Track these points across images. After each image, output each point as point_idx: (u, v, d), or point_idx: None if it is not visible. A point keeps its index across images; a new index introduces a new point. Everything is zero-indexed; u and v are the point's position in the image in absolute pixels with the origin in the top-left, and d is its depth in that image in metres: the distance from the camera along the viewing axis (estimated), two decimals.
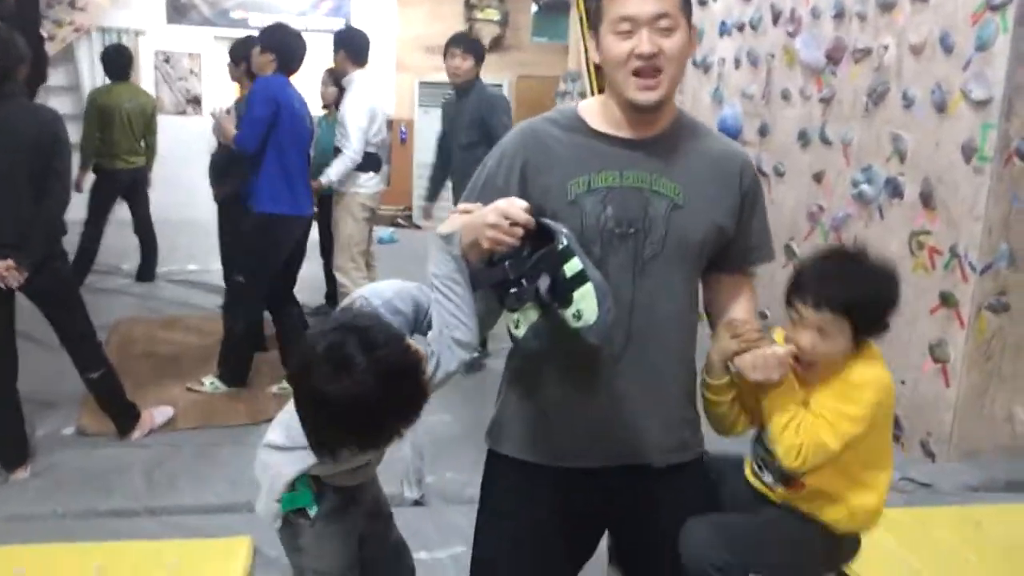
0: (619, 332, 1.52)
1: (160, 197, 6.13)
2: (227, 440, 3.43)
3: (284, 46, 3.79)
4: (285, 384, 3.72)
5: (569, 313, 1.41)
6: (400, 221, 8.66)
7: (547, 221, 1.46)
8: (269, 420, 1.78)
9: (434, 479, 3.08)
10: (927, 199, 3.33)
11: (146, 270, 6.05)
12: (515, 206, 1.41)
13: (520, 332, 1.48)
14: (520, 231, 1.41)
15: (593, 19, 1.55)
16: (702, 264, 1.61)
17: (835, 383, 1.58)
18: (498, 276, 1.46)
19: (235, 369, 3.94)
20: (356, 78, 4.53)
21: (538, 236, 1.44)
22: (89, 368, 3.24)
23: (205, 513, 2.87)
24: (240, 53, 4.41)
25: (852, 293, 1.55)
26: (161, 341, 4.69)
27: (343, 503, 1.71)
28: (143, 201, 5.90)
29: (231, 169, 4.17)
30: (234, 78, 4.59)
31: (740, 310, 1.66)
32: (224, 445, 3.37)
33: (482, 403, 3.68)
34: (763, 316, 3.71)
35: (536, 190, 1.53)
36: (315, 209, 4.25)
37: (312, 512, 1.68)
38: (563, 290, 1.41)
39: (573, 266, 1.41)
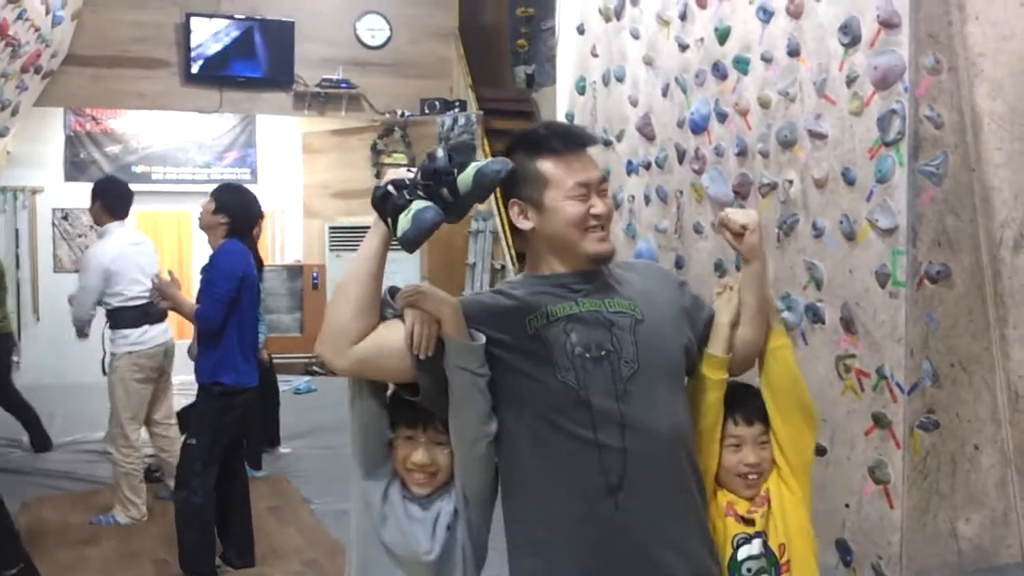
0: (616, 460, 1.51)
1: (57, 360, 5.87)
2: None
3: (239, 208, 3.74)
4: None
5: (467, 171, 1.47)
6: (316, 368, 8.49)
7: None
8: None
9: None
10: (848, 324, 3.45)
11: (39, 440, 5.70)
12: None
13: (408, 217, 1.46)
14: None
15: (527, 191, 1.63)
16: (679, 378, 1.65)
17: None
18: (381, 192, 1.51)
19: (204, 560, 3.61)
20: (110, 230, 4.45)
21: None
22: (5, 565, 2.98)
23: None
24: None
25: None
26: (74, 526, 4.39)
27: None
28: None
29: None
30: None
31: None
32: None
33: None
34: None
35: (499, 334, 1.56)
36: None
37: None
38: (456, 165, 1.49)
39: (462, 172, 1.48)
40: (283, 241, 9.14)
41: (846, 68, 3.43)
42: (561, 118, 5.49)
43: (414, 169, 1.54)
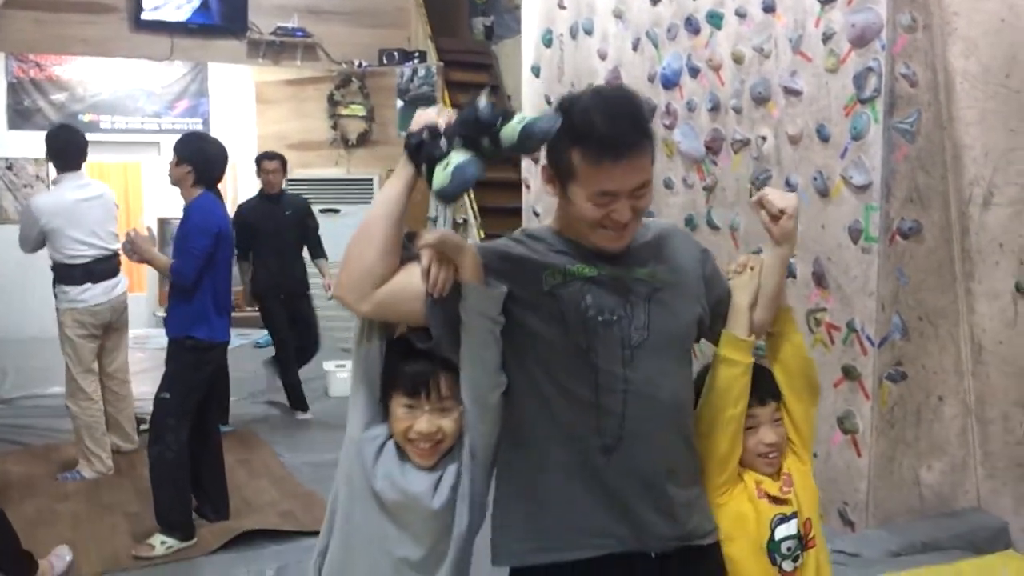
0: (613, 423, 1.53)
1: (6, 314, 5.71)
2: None
3: (198, 156, 3.63)
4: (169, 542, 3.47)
5: (512, 124, 1.42)
6: None
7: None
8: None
9: None
10: (820, 279, 3.53)
11: None
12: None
13: (447, 171, 1.42)
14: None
15: (555, 165, 1.56)
16: (687, 348, 1.66)
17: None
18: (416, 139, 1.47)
19: (180, 514, 3.56)
20: (62, 180, 4.37)
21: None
22: None
23: None
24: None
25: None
26: (40, 481, 4.32)
27: None
28: None
29: None
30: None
31: None
32: None
33: None
34: None
35: (511, 285, 1.54)
36: None
37: None
38: (499, 115, 1.43)
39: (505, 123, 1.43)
40: (237, 193, 8.96)
41: (823, 25, 3.46)
42: (526, 72, 5.45)
43: (448, 111, 1.49)
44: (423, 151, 1.47)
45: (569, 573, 1.56)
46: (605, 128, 1.47)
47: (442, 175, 1.43)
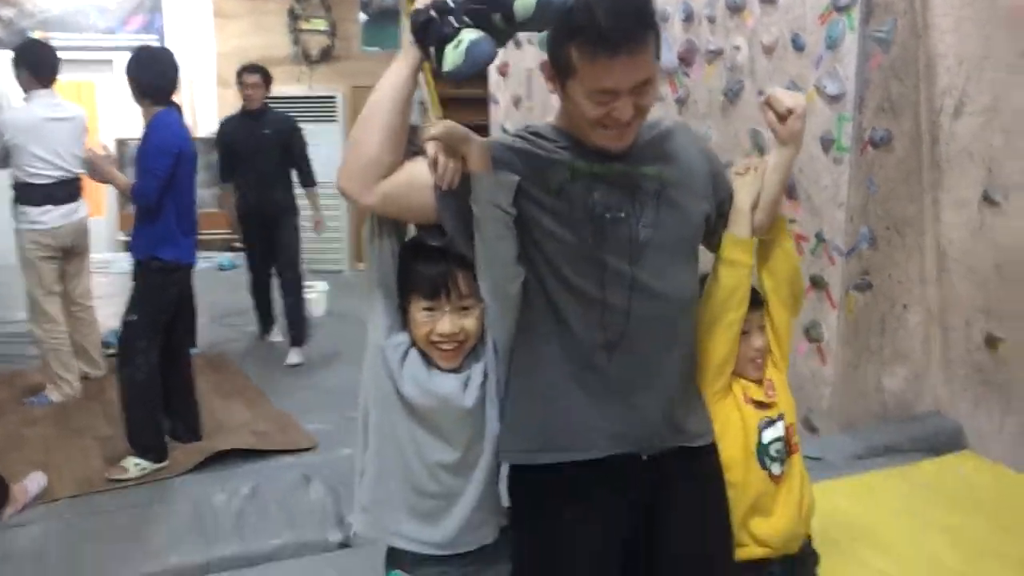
0: (618, 319, 1.53)
1: None
2: (119, 504, 3.17)
3: (144, 72, 3.50)
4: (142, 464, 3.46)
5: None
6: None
7: None
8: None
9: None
10: (790, 190, 3.53)
11: None
12: None
13: (461, 50, 1.37)
14: None
15: (555, 60, 1.51)
16: (695, 246, 1.66)
17: None
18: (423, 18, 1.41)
19: (152, 436, 3.55)
20: (32, 97, 4.24)
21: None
22: None
23: None
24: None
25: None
26: (7, 406, 4.28)
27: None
28: None
29: None
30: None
31: None
32: (118, 511, 3.11)
33: None
34: None
35: (525, 177, 1.51)
36: None
37: None
38: None
39: None
40: (195, 112, 8.73)
41: None
42: None
43: None
44: (431, 30, 1.39)
45: (568, 472, 1.57)
46: (604, 21, 1.39)
47: (454, 54, 1.35)
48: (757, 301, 1.79)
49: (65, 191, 4.23)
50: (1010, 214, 3.15)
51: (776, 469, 1.78)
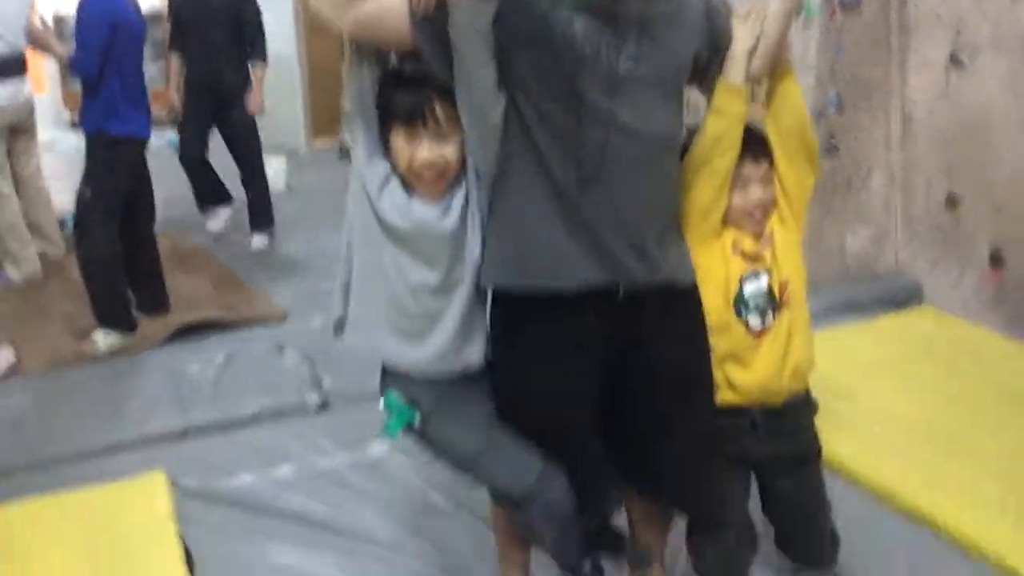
0: (593, 155, 1.53)
1: None
2: (93, 377, 3.18)
3: None
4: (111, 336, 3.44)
5: None
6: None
7: None
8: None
9: (331, 380, 3.01)
10: None
11: None
12: None
13: None
14: None
15: None
16: (679, 83, 1.62)
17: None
18: None
19: (118, 308, 3.51)
20: None
21: None
22: None
23: (97, 457, 2.65)
24: None
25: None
26: None
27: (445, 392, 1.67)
28: None
29: None
30: None
31: None
32: (92, 383, 3.12)
33: None
34: None
35: (505, 5, 1.50)
36: None
37: (418, 422, 1.66)
38: None
39: None
40: None
41: None
42: None
43: None
44: None
45: (545, 303, 1.60)
46: None
47: None
48: (765, 154, 1.74)
49: (9, 67, 4.05)
50: (976, 75, 3.17)
51: (755, 322, 1.76)
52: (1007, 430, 2.47)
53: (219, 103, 4.74)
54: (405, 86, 1.57)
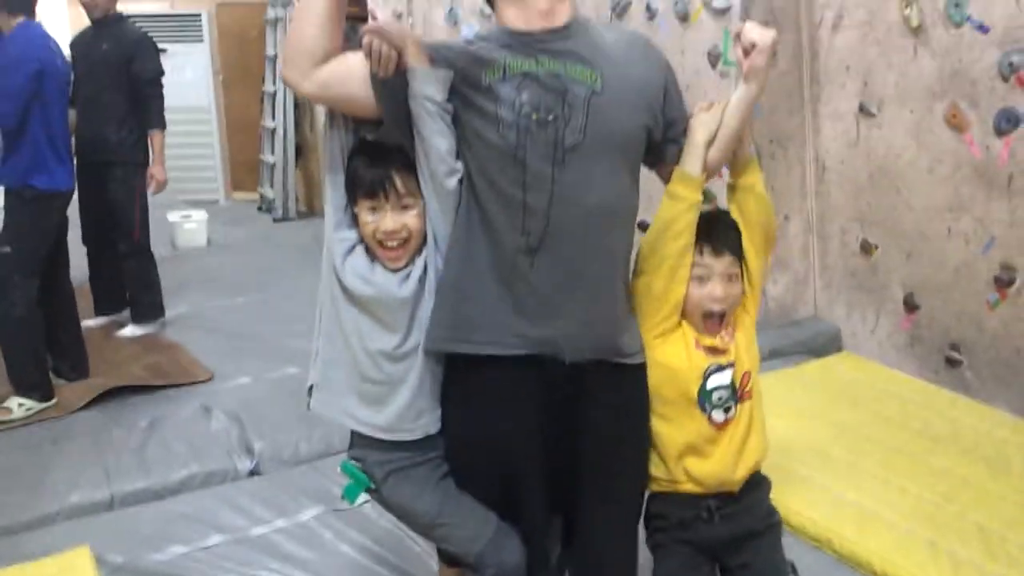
0: (538, 223, 1.56)
1: None
2: (10, 447, 3.05)
3: None
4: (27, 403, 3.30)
5: None
6: None
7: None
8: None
9: (263, 444, 2.95)
10: None
11: None
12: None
13: None
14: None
15: None
16: (630, 158, 1.64)
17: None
18: None
19: (36, 375, 3.36)
20: None
21: None
22: None
23: (15, 534, 2.53)
24: None
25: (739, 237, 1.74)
26: None
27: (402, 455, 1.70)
28: None
29: None
30: None
31: None
32: (9, 453, 2.99)
33: (279, 362, 3.59)
34: None
35: (457, 74, 1.56)
36: None
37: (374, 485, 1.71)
38: None
39: None
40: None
41: None
42: None
43: None
44: None
45: (486, 367, 1.61)
46: None
47: None
48: (731, 248, 1.71)
49: None
50: (883, 125, 3.32)
51: (719, 416, 1.72)
52: (938, 476, 2.52)
53: (94, 175, 4.05)
54: (368, 158, 1.63)
